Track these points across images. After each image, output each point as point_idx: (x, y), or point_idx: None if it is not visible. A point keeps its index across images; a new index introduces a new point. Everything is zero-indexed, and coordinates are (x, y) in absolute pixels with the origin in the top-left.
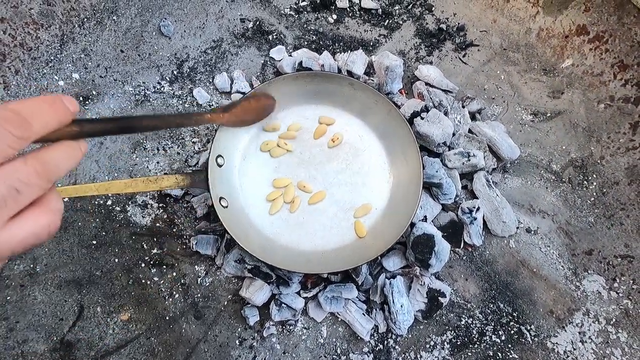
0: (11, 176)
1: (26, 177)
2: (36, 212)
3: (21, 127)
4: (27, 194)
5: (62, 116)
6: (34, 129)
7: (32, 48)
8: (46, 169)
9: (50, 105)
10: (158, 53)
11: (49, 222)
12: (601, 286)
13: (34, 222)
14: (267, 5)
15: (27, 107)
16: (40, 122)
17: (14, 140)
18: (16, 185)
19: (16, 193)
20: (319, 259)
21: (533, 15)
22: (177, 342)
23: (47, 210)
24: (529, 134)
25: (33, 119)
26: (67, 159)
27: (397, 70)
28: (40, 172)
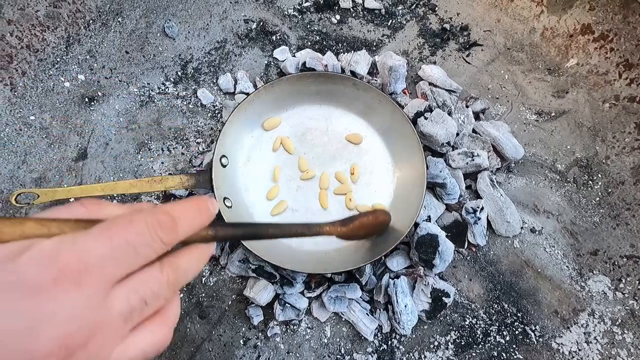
0: (146, 286)
1: (159, 288)
2: (155, 324)
3: (171, 233)
4: (153, 306)
5: (205, 220)
6: (180, 234)
7: (38, 50)
8: (178, 277)
9: (199, 209)
10: (162, 54)
11: (165, 336)
12: (607, 286)
13: (151, 338)
14: (270, 6)
15: (178, 212)
16: (186, 228)
17: (161, 247)
18: (147, 297)
19: (144, 305)
20: (322, 259)
21: (537, 15)
22: (182, 341)
23: (166, 322)
24: (533, 133)
25: (181, 224)
26: (198, 265)
27: (401, 70)
28: (172, 282)
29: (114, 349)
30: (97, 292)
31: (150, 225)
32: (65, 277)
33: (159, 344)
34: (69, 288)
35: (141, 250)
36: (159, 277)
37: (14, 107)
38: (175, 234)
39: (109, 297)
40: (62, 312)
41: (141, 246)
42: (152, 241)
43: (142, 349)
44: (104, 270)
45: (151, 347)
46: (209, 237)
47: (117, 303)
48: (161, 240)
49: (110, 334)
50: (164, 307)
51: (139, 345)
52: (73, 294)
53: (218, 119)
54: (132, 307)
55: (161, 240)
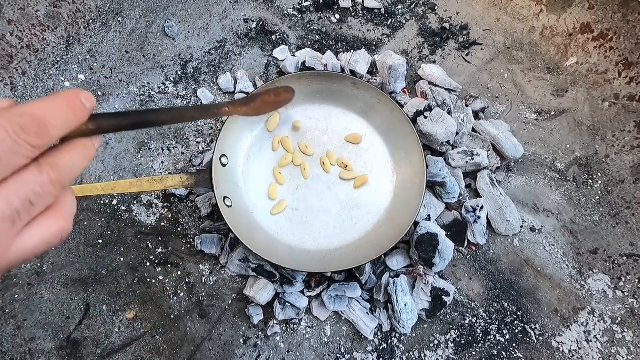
0: (25, 188)
1: (40, 188)
2: (47, 219)
3: (39, 134)
4: (40, 204)
5: (80, 116)
6: (52, 134)
7: (38, 49)
8: (61, 174)
9: (67, 104)
10: (162, 54)
11: (60, 228)
12: (607, 285)
13: (46, 230)
14: (270, 6)
15: (44, 110)
16: (58, 126)
17: (31, 150)
18: (30, 197)
19: (30, 205)
20: (322, 258)
21: (537, 14)
22: (182, 340)
23: (59, 216)
24: (533, 132)
25: (51, 124)
26: (82, 160)
27: (400, 69)
28: (55, 180)
29: (10, 246)
30: None
31: (11, 131)
32: None
33: (58, 233)
34: None
35: (4, 157)
36: (38, 177)
37: None
38: (46, 136)
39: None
40: None
41: (3, 153)
42: (18, 147)
43: (42, 239)
44: None
45: (51, 237)
46: (90, 130)
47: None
48: (29, 144)
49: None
50: (56, 202)
51: (36, 237)
52: None
53: (218, 118)
54: (16, 208)
55: (29, 144)
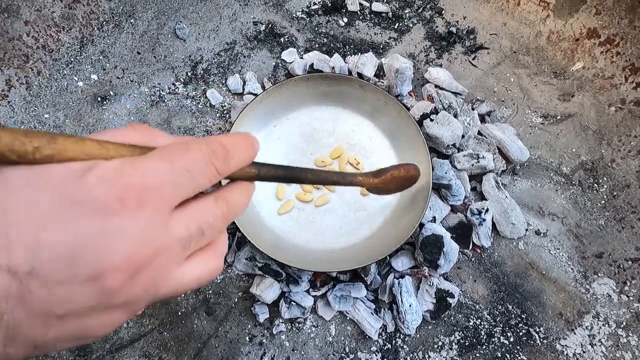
0: (203, 216)
1: (213, 219)
2: (207, 255)
3: (225, 162)
4: (208, 236)
5: (253, 155)
6: (231, 165)
7: (53, 50)
8: (230, 210)
9: (247, 143)
10: (173, 55)
11: (217, 266)
12: (611, 289)
13: (204, 266)
14: (279, 9)
15: (229, 141)
16: (237, 159)
17: (215, 176)
18: (203, 227)
19: (200, 235)
20: (328, 258)
21: (543, 19)
22: (189, 337)
23: (217, 254)
24: (539, 136)
25: (233, 154)
26: (246, 199)
27: (407, 72)
28: (225, 214)
29: (173, 274)
30: (159, 215)
31: (206, 154)
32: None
33: (212, 273)
34: (134, 208)
35: (197, 177)
36: (214, 208)
37: (29, 105)
38: (228, 164)
39: (170, 222)
40: (130, 229)
41: (197, 173)
42: (207, 169)
43: (198, 275)
44: (165, 193)
45: (205, 275)
46: (252, 174)
47: (176, 229)
48: (215, 169)
49: (170, 258)
50: (214, 240)
51: (194, 272)
52: (137, 214)
53: (227, 119)
54: (191, 234)
55: (215, 168)
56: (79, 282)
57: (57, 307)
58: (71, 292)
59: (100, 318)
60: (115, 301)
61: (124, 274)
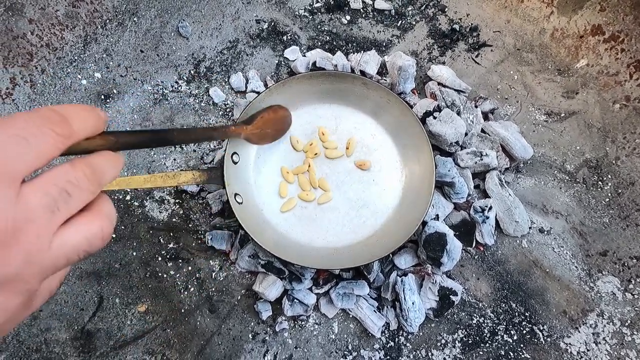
0: (61, 178)
1: (76, 180)
2: (87, 217)
3: (62, 125)
4: (78, 197)
5: (96, 120)
6: (74, 128)
7: (57, 48)
8: (95, 173)
9: (84, 108)
10: (176, 53)
11: (101, 226)
12: (616, 287)
13: (86, 227)
14: (282, 7)
15: (65, 109)
16: (79, 123)
17: (58, 139)
18: (67, 188)
19: (67, 196)
20: (331, 256)
21: (547, 16)
22: (192, 334)
23: (99, 214)
24: (543, 134)
25: (72, 120)
26: (112, 166)
27: (410, 70)
28: (89, 176)
29: (51, 240)
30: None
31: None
32: None
33: (98, 231)
34: None
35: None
36: (72, 171)
37: (33, 103)
38: (69, 128)
39: (22, 193)
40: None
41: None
42: (44, 133)
43: (83, 236)
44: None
45: (92, 235)
46: (112, 142)
47: (33, 197)
48: (55, 132)
49: (38, 225)
50: (94, 202)
51: (78, 234)
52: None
53: (229, 117)
54: (54, 197)
55: (55, 132)
56: None
57: None
58: None
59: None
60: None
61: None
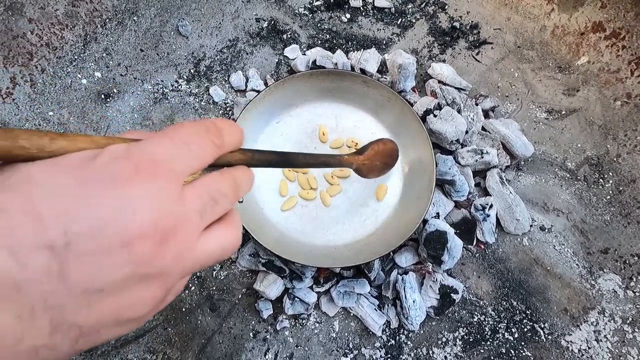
0: (212, 186)
1: (223, 189)
2: (224, 226)
3: (218, 136)
4: (222, 205)
5: (240, 135)
6: (225, 140)
7: (57, 47)
8: (237, 185)
9: (232, 124)
10: (176, 52)
11: (235, 236)
12: (617, 285)
13: (224, 236)
14: (281, 5)
15: (220, 122)
16: (229, 136)
17: (214, 148)
18: (216, 196)
19: (215, 203)
20: (331, 254)
21: (548, 13)
22: (193, 333)
23: (233, 224)
24: (544, 131)
25: (224, 133)
26: (248, 180)
27: (410, 68)
28: (233, 188)
29: (196, 242)
30: (172, 185)
31: (200, 129)
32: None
33: (233, 242)
34: (149, 178)
35: (197, 149)
36: (222, 179)
37: (33, 103)
38: (223, 139)
39: (183, 193)
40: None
41: (196, 145)
42: (204, 142)
43: (220, 244)
44: (173, 165)
45: (227, 244)
46: (247, 158)
47: (191, 199)
48: (212, 142)
49: (191, 226)
50: (227, 214)
51: (217, 241)
52: (153, 184)
53: (229, 116)
54: (205, 203)
55: (212, 142)
56: (111, 251)
57: (95, 280)
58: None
59: (137, 293)
60: (148, 270)
61: (151, 240)
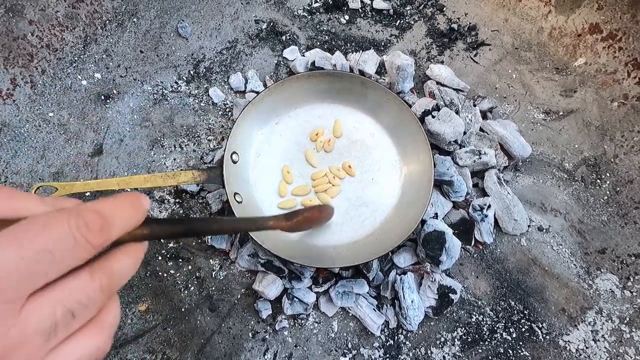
0: (72, 297)
1: (88, 297)
2: (86, 334)
3: (101, 233)
4: (83, 317)
5: (140, 217)
6: (112, 233)
7: (57, 49)
8: (112, 282)
9: (133, 206)
10: (175, 53)
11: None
12: (614, 285)
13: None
14: (280, 7)
15: (108, 207)
16: (119, 226)
17: (90, 251)
18: (74, 309)
19: (71, 319)
20: (330, 254)
21: (545, 14)
22: (192, 333)
23: (100, 330)
24: (541, 132)
25: (114, 222)
26: (133, 265)
27: (409, 69)
28: (105, 287)
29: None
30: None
31: (75, 228)
32: None
33: (96, 352)
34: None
35: (62, 257)
36: (89, 284)
37: (33, 104)
38: (107, 235)
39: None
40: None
41: (62, 252)
42: (77, 246)
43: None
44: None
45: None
46: (143, 235)
47: (34, 318)
48: (89, 243)
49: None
50: (99, 313)
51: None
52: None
53: (229, 116)
54: (55, 321)
55: (89, 243)
56: None
57: None
58: None
59: None
60: None
61: None
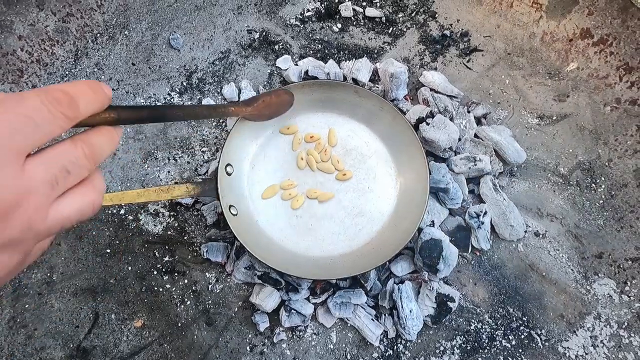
0: (63, 157)
1: (76, 158)
2: (82, 190)
3: (70, 107)
4: (76, 174)
5: (102, 99)
6: (80, 109)
7: (47, 64)
8: (93, 151)
9: (91, 88)
10: (168, 65)
11: (93, 199)
12: (612, 289)
13: (81, 200)
14: (273, 16)
15: (73, 89)
16: (85, 103)
17: (65, 120)
18: (67, 166)
19: (67, 173)
20: (327, 265)
21: (537, 20)
22: (189, 348)
23: (92, 188)
24: (535, 137)
25: (79, 99)
26: (109, 143)
27: (402, 77)
28: (88, 154)
29: (48, 211)
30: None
31: (47, 102)
32: None
33: (91, 204)
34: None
35: (42, 124)
36: (73, 149)
37: None
38: (76, 109)
39: (27, 167)
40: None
41: (41, 120)
42: (53, 116)
43: (76, 208)
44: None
45: (84, 207)
46: (112, 119)
47: (36, 172)
48: (63, 114)
49: (40, 198)
50: (89, 177)
51: (73, 205)
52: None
53: (223, 127)
54: (55, 174)
55: (63, 114)
56: None
57: None
58: None
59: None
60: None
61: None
